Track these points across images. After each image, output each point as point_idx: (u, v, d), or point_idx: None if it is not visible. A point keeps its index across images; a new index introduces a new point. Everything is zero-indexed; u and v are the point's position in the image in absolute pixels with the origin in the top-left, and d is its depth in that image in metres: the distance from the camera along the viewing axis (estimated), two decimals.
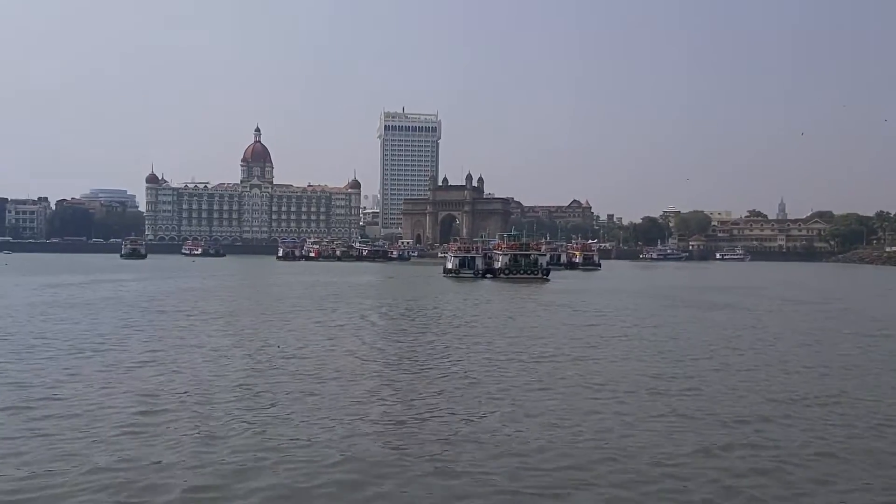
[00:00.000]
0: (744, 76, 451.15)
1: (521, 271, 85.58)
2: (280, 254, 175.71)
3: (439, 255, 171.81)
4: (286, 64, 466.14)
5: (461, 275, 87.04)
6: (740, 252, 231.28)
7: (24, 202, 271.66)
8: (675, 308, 47.27)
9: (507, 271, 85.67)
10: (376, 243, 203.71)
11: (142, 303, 45.91)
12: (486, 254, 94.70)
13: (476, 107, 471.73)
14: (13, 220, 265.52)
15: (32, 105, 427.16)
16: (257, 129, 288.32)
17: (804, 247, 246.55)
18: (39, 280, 70.92)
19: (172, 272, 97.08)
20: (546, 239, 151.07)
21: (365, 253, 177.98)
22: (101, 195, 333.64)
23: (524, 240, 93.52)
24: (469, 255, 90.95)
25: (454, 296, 57.52)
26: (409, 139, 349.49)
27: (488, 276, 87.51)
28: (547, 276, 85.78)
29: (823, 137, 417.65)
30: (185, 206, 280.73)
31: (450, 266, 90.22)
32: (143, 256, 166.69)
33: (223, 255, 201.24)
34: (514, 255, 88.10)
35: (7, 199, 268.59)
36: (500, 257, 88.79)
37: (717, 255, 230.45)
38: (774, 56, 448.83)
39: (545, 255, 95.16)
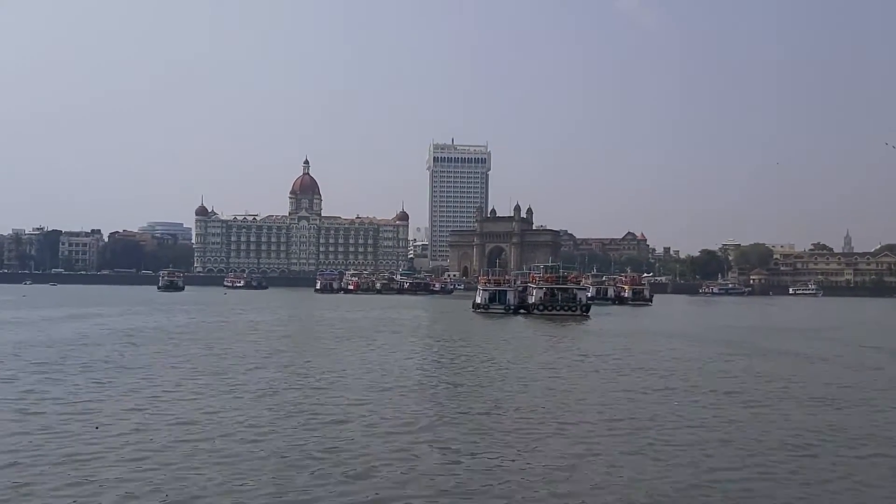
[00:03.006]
0: (803, 106, 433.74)
1: (558, 307, 77.23)
2: (318, 286, 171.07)
3: None
4: (336, 97, 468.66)
5: (490, 310, 79.43)
6: (812, 287, 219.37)
7: (78, 234, 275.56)
8: (746, 358, 38.37)
9: (541, 307, 77.45)
10: (418, 276, 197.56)
11: (49, 353, 35.15)
12: (524, 286, 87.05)
13: (527, 138, 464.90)
14: (66, 252, 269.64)
15: (95, 139, 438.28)
16: (306, 162, 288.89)
17: (873, 281, 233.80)
18: (16, 314, 66.30)
19: (187, 305, 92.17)
20: (594, 271, 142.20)
21: (406, 286, 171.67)
22: (158, 227, 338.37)
23: (562, 272, 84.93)
24: (500, 289, 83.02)
25: (473, 337, 49.98)
26: (459, 171, 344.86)
27: (521, 311, 79.81)
28: (587, 312, 77.37)
29: (887, 167, 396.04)
30: (233, 238, 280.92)
31: (479, 300, 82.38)
32: (181, 289, 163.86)
33: (265, 288, 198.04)
34: (551, 288, 79.79)
35: (61, 230, 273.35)
36: (535, 291, 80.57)
37: (791, 290, 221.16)
38: (833, 83, 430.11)
39: (585, 289, 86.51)
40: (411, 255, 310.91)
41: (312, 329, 55.96)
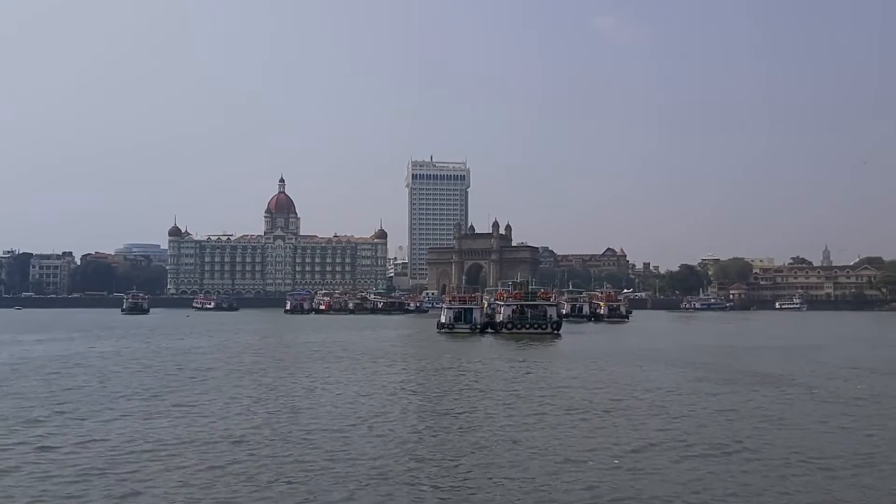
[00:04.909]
0: (781, 121, 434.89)
1: (528, 325, 73.64)
2: (287, 307, 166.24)
3: None
4: (312, 113, 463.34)
5: (456, 330, 75.47)
6: (797, 301, 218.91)
7: (48, 257, 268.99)
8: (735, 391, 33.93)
9: (510, 325, 73.76)
10: (392, 295, 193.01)
11: None
12: (494, 304, 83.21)
13: (506, 155, 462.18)
14: (37, 275, 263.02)
15: (75, 160, 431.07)
16: (282, 180, 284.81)
17: (854, 295, 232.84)
18: None
19: (134, 329, 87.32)
20: (569, 287, 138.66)
21: (380, 305, 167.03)
22: (134, 249, 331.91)
23: (531, 287, 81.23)
24: (466, 307, 78.98)
25: (426, 365, 45.85)
26: (438, 188, 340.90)
27: (489, 330, 75.92)
28: (558, 330, 73.64)
29: (866, 181, 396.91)
30: (207, 259, 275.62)
31: (443, 320, 78.22)
32: (146, 311, 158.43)
33: (236, 309, 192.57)
34: (520, 305, 75.97)
35: (31, 253, 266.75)
36: (503, 309, 76.63)
37: (777, 305, 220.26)
38: (816, 100, 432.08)
39: (556, 305, 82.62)
40: (391, 274, 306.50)
41: (236, 358, 49.62)
